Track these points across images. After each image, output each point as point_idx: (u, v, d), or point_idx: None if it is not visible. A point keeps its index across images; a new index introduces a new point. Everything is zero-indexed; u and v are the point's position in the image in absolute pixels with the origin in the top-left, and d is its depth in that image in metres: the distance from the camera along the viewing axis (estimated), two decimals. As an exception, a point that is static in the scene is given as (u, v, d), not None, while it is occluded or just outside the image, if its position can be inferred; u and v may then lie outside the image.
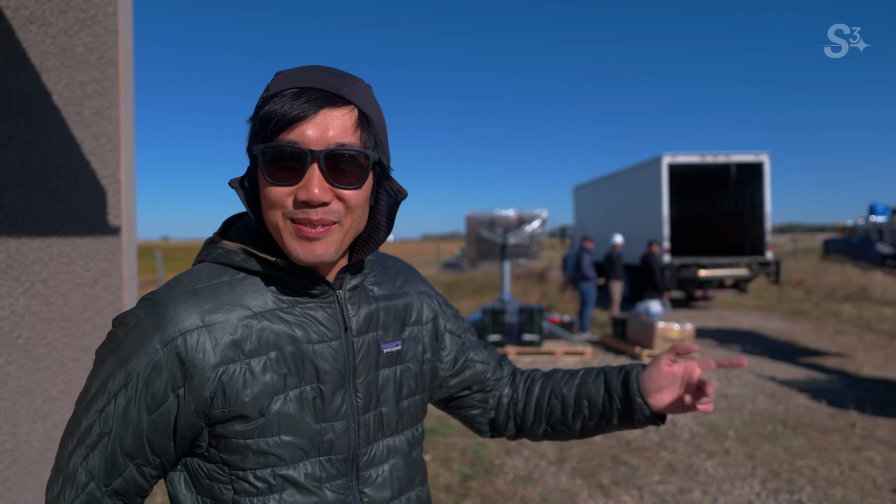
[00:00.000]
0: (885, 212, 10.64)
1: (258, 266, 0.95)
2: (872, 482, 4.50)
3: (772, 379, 7.75)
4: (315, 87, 0.89)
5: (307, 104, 0.88)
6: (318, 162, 0.88)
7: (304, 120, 0.88)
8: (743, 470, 4.76)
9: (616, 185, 17.88)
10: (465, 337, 1.21)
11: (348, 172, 0.90)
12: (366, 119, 0.93)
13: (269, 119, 0.88)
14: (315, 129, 0.88)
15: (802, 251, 28.68)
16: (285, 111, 0.87)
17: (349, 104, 0.91)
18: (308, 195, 0.88)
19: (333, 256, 0.93)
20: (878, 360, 8.89)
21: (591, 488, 4.44)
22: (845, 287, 16.76)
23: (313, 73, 0.92)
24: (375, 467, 1.01)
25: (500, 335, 9.38)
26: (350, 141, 0.90)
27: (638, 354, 9.06)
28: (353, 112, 0.91)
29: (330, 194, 0.90)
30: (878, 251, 9.42)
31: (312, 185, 0.88)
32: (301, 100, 0.88)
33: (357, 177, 0.91)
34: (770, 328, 11.97)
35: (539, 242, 10.80)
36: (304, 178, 0.88)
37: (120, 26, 2.58)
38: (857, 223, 11.01)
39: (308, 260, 0.91)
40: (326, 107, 0.89)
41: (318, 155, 0.88)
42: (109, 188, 2.52)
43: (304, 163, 0.88)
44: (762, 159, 14.48)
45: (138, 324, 0.90)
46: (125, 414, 0.88)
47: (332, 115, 0.89)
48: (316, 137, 0.88)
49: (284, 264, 0.94)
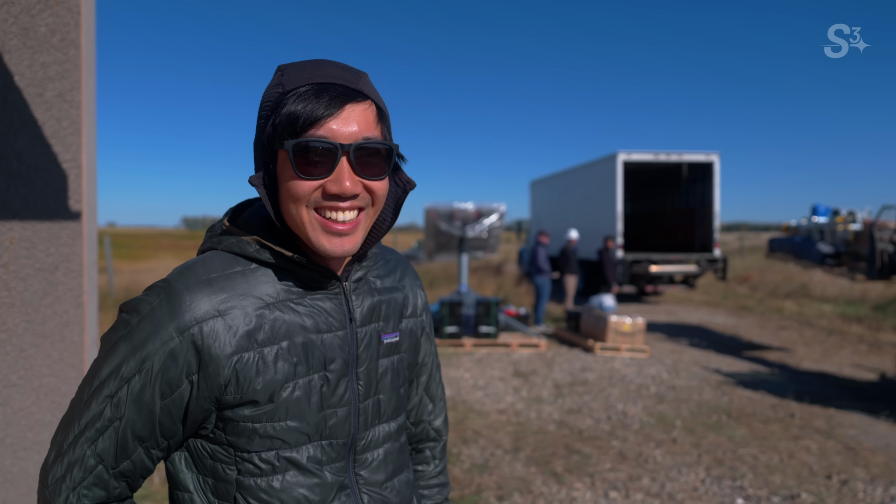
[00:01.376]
0: (827, 213, 11.09)
1: (271, 258, 0.98)
2: (809, 469, 4.74)
3: (717, 371, 8.04)
4: (335, 83, 0.92)
5: (332, 100, 0.91)
6: (347, 155, 0.91)
7: (332, 116, 0.91)
8: (689, 458, 4.95)
9: (572, 180, 18.13)
10: (432, 351, 1.26)
11: (374, 164, 0.94)
12: (382, 113, 0.97)
13: (296, 116, 0.90)
14: (342, 124, 0.91)
15: (748, 249, 29.63)
16: (312, 108, 0.90)
17: (367, 99, 0.94)
18: (340, 188, 0.91)
19: (358, 248, 0.97)
20: (816, 354, 9.31)
21: (545, 476, 4.56)
22: (788, 284, 17.43)
23: (326, 68, 0.94)
24: (371, 451, 1.05)
25: (458, 327, 9.47)
26: (374, 134, 0.94)
27: (591, 347, 9.27)
28: (372, 106, 0.95)
29: (360, 186, 0.93)
30: (819, 250, 9.83)
31: (344, 178, 0.91)
32: (325, 96, 0.91)
33: (382, 168, 0.95)
34: (716, 323, 12.38)
35: (497, 236, 10.91)
36: (334, 172, 0.92)
37: (82, 7, 2.54)
38: (800, 223, 11.44)
39: (336, 254, 0.94)
40: (350, 102, 0.92)
41: (348, 149, 0.91)
42: (71, 172, 2.48)
43: (334, 157, 0.91)
44: (712, 159, 14.89)
45: (153, 311, 0.91)
46: (139, 399, 0.90)
47: (356, 111, 0.92)
48: (344, 132, 0.91)
49: (302, 260, 0.96)
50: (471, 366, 8.26)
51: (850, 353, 9.39)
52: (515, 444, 5.25)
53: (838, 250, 9.64)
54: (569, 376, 7.74)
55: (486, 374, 7.83)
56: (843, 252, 9.56)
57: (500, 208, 10.60)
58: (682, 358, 8.88)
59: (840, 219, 10.25)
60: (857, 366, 8.46)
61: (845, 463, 4.86)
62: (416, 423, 1.26)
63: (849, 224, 10.05)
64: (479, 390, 7.03)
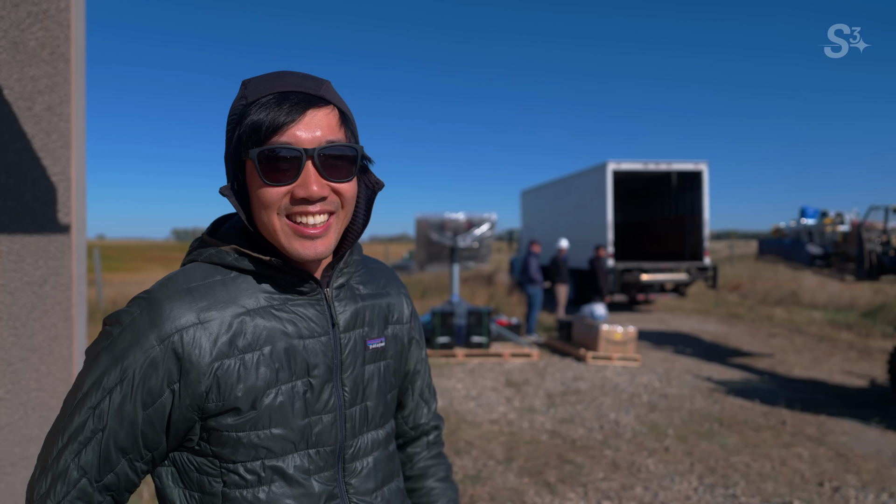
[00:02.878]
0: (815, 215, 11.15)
1: (250, 265, 0.99)
2: (801, 476, 4.76)
3: (709, 379, 8.07)
4: (296, 91, 0.94)
5: (294, 107, 0.92)
6: (312, 160, 0.93)
7: (294, 122, 0.92)
8: (681, 466, 4.96)
9: (562, 190, 18.21)
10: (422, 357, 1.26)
11: (340, 167, 0.96)
12: (345, 116, 0.99)
13: (259, 124, 0.92)
14: (305, 129, 0.93)
15: (738, 257, 29.80)
16: (274, 115, 0.92)
17: (329, 104, 0.96)
18: (307, 192, 0.92)
19: (331, 250, 0.98)
20: (807, 361, 9.36)
21: (538, 486, 4.55)
22: (778, 292, 17.53)
23: (287, 77, 0.96)
24: (360, 459, 1.05)
25: (449, 337, 9.46)
26: (337, 138, 0.95)
27: (583, 356, 9.28)
28: (334, 111, 0.97)
29: (327, 189, 0.95)
30: (808, 252, 9.87)
31: (310, 182, 0.92)
32: (287, 104, 0.92)
33: (348, 170, 0.97)
34: (707, 331, 12.43)
35: (488, 246, 10.93)
36: (300, 177, 0.93)
37: (72, 21, 2.54)
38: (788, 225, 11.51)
39: (309, 257, 0.95)
40: (311, 108, 0.94)
41: (312, 153, 0.93)
42: (60, 185, 2.47)
43: (299, 162, 0.92)
44: (701, 168, 15.00)
45: (134, 321, 0.92)
46: (120, 409, 0.90)
47: (318, 116, 0.94)
48: (307, 137, 0.93)
49: (278, 262, 0.97)
50: (463, 376, 8.24)
51: (840, 359, 9.44)
52: (508, 454, 5.24)
53: (827, 251, 9.70)
54: (561, 386, 7.74)
55: (479, 384, 7.82)
56: (832, 253, 9.62)
57: (491, 218, 10.62)
58: (674, 366, 8.90)
59: (828, 220, 10.30)
60: (848, 372, 8.51)
61: (837, 470, 4.88)
62: (414, 427, 1.26)
63: (837, 225, 10.10)
64: (472, 401, 7.01)
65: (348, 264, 1.08)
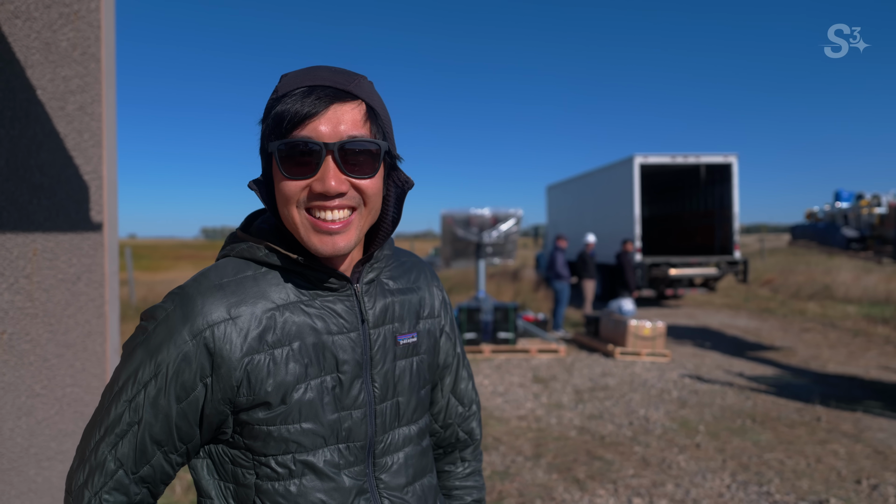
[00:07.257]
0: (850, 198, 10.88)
1: (279, 261, 0.98)
2: (837, 473, 4.65)
3: (740, 375, 7.94)
4: (323, 85, 0.93)
5: (318, 100, 0.91)
6: (332, 154, 0.92)
7: (316, 116, 0.91)
8: (713, 463, 4.88)
9: (589, 184, 18.07)
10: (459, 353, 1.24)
11: (362, 163, 0.94)
12: (373, 112, 0.97)
13: (282, 117, 0.92)
14: (327, 123, 0.92)
15: (769, 251, 29.29)
16: (297, 108, 0.91)
17: (357, 99, 0.94)
18: (324, 187, 0.91)
19: (352, 247, 0.96)
20: (841, 356, 9.15)
21: (567, 482, 4.51)
22: (810, 286, 17.19)
23: (319, 72, 0.95)
24: (391, 455, 1.04)
25: (476, 333, 9.45)
26: (361, 133, 0.93)
27: (611, 352, 9.20)
28: (361, 106, 0.95)
29: (346, 185, 0.93)
30: (844, 235, 9.63)
31: (328, 176, 0.91)
32: (311, 97, 0.91)
33: (370, 166, 0.95)
34: (738, 326, 12.23)
35: (514, 241, 10.88)
36: (319, 171, 0.92)
37: (102, 21, 2.57)
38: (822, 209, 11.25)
39: (327, 253, 0.95)
40: (336, 102, 0.92)
41: (332, 147, 0.91)
42: (92, 184, 2.51)
43: (319, 156, 0.91)
44: (731, 160, 14.76)
45: (168, 317, 0.93)
46: (155, 403, 0.91)
47: (343, 110, 0.93)
48: (329, 131, 0.91)
49: (304, 261, 0.97)
50: (490, 372, 8.23)
51: (876, 354, 9.22)
52: (536, 450, 5.21)
53: (863, 234, 9.44)
54: (589, 381, 7.68)
55: (506, 380, 7.80)
56: (869, 236, 9.37)
57: (517, 213, 10.57)
58: (704, 362, 8.78)
59: (864, 202, 10.02)
60: (885, 367, 8.30)
61: (875, 467, 4.76)
62: (445, 426, 1.24)
63: (874, 207, 9.82)
64: (499, 396, 6.99)
65: (378, 260, 1.07)
